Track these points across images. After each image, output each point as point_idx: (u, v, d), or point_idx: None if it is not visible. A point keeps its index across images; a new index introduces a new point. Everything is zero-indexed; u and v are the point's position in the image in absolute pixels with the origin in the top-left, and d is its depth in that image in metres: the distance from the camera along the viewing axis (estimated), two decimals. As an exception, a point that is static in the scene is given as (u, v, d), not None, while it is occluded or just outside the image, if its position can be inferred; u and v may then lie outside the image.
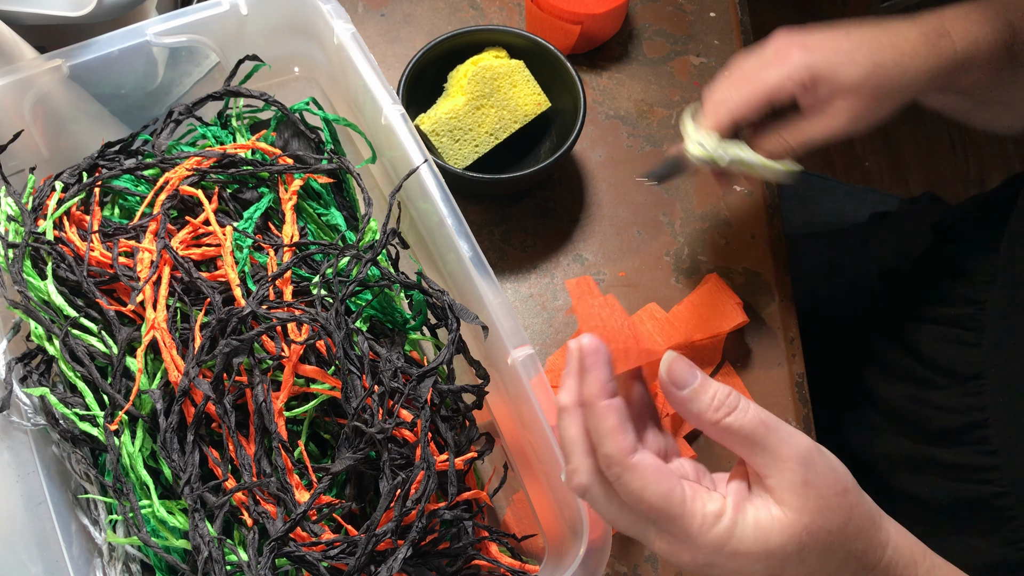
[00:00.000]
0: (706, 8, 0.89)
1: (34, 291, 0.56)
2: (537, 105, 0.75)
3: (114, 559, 0.55)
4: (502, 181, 0.72)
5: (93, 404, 0.55)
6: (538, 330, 0.73)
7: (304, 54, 0.70)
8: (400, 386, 0.54)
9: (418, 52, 0.73)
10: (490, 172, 0.71)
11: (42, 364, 0.58)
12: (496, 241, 0.77)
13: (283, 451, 0.52)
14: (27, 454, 0.56)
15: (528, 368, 0.52)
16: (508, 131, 0.74)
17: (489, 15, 0.88)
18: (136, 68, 0.65)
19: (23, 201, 0.59)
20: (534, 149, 0.79)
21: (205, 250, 0.58)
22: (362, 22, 0.86)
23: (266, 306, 0.54)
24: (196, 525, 0.51)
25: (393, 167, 0.65)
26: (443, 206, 0.57)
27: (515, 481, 0.60)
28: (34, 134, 0.63)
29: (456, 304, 0.56)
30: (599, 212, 0.78)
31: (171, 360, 0.53)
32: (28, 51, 0.62)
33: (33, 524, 0.55)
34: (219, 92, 0.64)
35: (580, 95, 0.73)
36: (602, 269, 0.76)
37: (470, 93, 0.72)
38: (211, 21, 0.64)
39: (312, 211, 0.63)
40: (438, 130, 0.72)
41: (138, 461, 0.53)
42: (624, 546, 0.65)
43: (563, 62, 0.75)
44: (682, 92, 0.84)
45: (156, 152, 0.62)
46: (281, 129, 0.67)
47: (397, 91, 0.72)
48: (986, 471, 0.65)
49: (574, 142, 0.72)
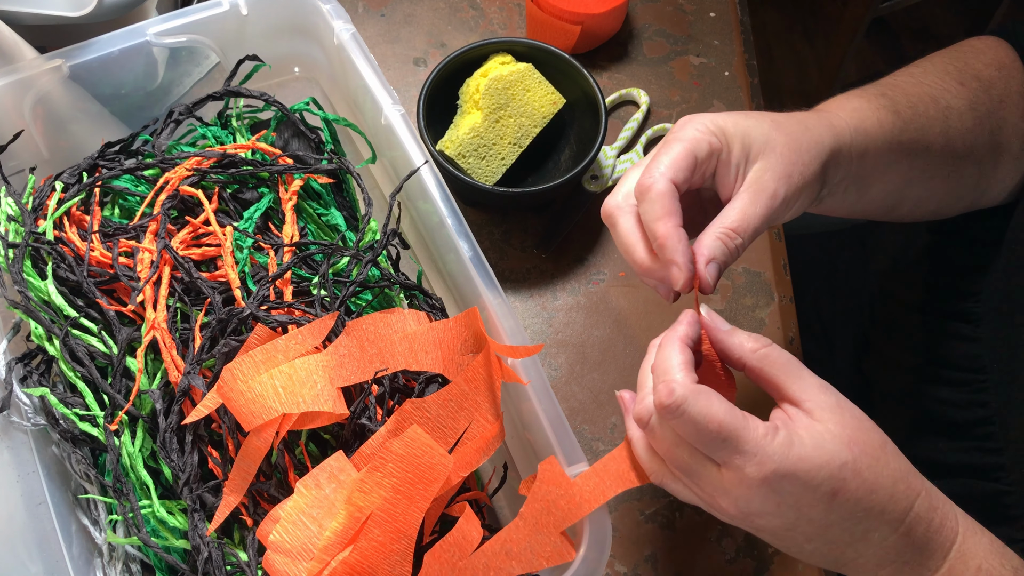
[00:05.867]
0: (706, 8, 0.89)
1: (34, 291, 0.56)
2: (553, 104, 0.74)
3: (114, 559, 0.55)
4: (543, 191, 0.70)
5: (93, 404, 0.55)
6: (538, 330, 0.73)
7: (304, 54, 0.70)
8: (400, 386, 0.54)
9: (428, 77, 0.72)
10: (511, 185, 0.71)
11: (42, 364, 0.58)
12: (496, 241, 0.77)
13: (283, 451, 0.52)
14: (27, 454, 0.56)
15: (528, 368, 0.52)
16: (530, 136, 0.74)
17: (489, 15, 0.88)
18: (136, 68, 0.65)
19: (23, 201, 0.59)
20: (552, 155, 0.79)
21: (205, 250, 0.58)
22: (362, 22, 0.87)
23: (266, 307, 0.54)
24: (196, 525, 0.51)
25: (393, 167, 0.65)
26: (443, 206, 0.57)
27: (515, 481, 0.60)
28: (34, 134, 0.63)
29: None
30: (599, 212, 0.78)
31: (171, 360, 0.53)
32: (28, 51, 0.62)
33: (33, 524, 0.55)
34: (219, 92, 0.64)
35: (596, 92, 0.73)
36: (602, 269, 0.76)
37: (486, 108, 0.72)
38: (211, 21, 0.64)
39: (312, 211, 0.63)
40: (464, 152, 0.72)
41: (138, 461, 0.53)
42: (624, 546, 0.65)
43: (570, 62, 0.74)
44: (682, 92, 0.84)
45: (156, 152, 0.62)
46: (281, 129, 0.67)
47: (415, 121, 0.71)
48: (991, 469, 0.65)
49: (604, 136, 0.72)
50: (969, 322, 0.68)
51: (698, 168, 0.48)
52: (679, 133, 0.49)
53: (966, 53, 0.64)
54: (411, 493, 0.48)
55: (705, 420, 0.41)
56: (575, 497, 0.48)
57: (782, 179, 0.49)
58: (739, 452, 0.41)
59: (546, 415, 0.51)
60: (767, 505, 0.42)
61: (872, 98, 0.57)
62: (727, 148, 0.49)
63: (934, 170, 0.59)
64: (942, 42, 0.65)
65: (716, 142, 0.48)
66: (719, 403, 0.41)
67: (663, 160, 0.48)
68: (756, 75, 0.86)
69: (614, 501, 0.66)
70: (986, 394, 0.66)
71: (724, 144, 0.49)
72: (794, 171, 0.49)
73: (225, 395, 0.50)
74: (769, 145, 0.49)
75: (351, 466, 0.50)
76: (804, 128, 0.51)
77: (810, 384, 0.44)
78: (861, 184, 0.55)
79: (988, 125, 0.61)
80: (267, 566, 0.47)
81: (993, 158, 0.62)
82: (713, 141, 0.48)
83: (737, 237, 0.48)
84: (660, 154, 0.48)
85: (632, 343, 0.73)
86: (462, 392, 0.52)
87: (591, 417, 0.70)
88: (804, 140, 0.50)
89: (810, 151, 0.50)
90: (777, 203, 0.48)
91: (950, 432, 0.68)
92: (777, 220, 0.50)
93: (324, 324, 0.52)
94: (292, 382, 0.50)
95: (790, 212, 0.51)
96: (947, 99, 0.60)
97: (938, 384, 0.70)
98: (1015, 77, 0.62)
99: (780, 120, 0.51)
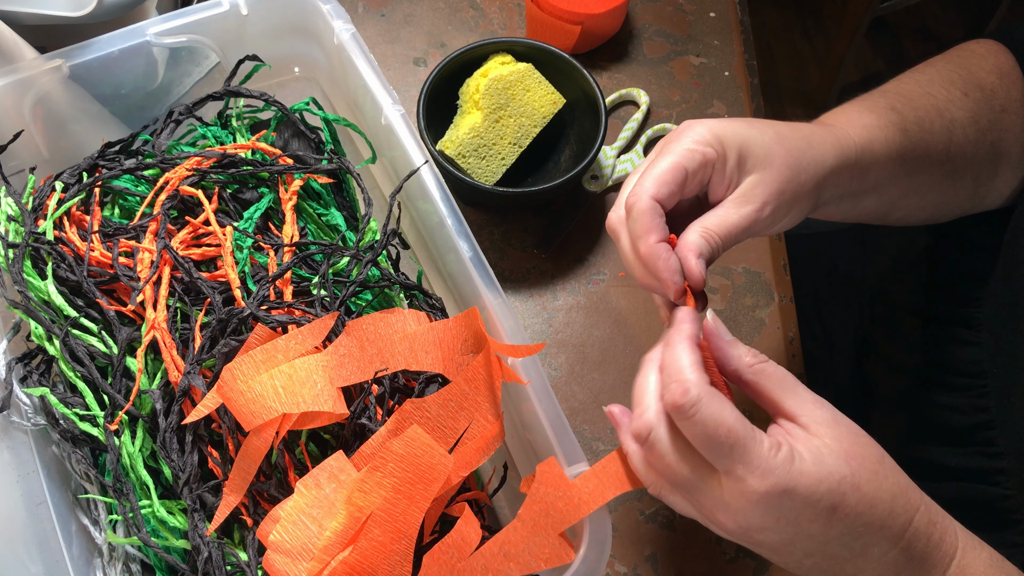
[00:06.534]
0: (706, 8, 0.89)
1: (34, 291, 0.56)
2: (553, 104, 0.74)
3: (114, 559, 0.55)
4: (543, 191, 0.71)
5: (93, 404, 0.55)
6: (538, 330, 0.73)
7: (304, 54, 0.70)
8: (400, 386, 0.54)
9: (428, 77, 0.72)
10: (511, 185, 0.71)
11: (42, 364, 0.58)
12: (496, 241, 0.77)
13: (283, 451, 0.52)
14: (27, 454, 0.56)
15: (528, 368, 0.52)
16: (530, 137, 0.74)
17: (489, 15, 0.88)
18: (136, 68, 0.65)
19: (23, 201, 0.59)
20: (552, 155, 0.79)
21: (205, 250, 0.58)
22: (362, 22, 0.87)
23: (266, 307, 0.54)
24: (196, 525, 0.51)
25: (393, 167, 0.65)
26: (443, 206, 0.57)
27: (515, 481, 0.60)
28: (34, 134, 0.63)
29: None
30: (599, 212, 0.78)
31: (171, 360, 0.53)
32: (28, 51, 0.62)
33: (33, 524, 0.55)
34: (219, 92, 0.64)
35: (596, 92, 0.73)
36: (602, 269, 0.76)
37: (486, 107, 0.72)
38: (211, 21, 0.64)
39: (312, 211, 0.63)
40: (464, 152, 0.72)
41: (138, 461, 0.53)
42: (624, 546, 0.65)
43: (570, 62, 0.74)
44: (682, 92, 0.84)
45: (156, 152, 0.62)
46: (281, 129, 0.67)
47: (415, 121, 0.71)
48: (992, 474, 0.65)
49: (604, 136, 0.72)
50: (970, 327, 0.68)
51: (690, 180, 0.48)
52: (674, 144, 0.49)
53: (968, 59, 0.64)
54: (411, 493, 0.48)
55: (716, 424, 0.40)
56: (573, 499, 0.48)
57: (773, 195, 0.48)
58: (743, 462, 0.40)
59: (546, 415, 0.51)
60: (767, 519, 0.41)
61: (883, 113, 0.56)
62: (723, 157, 0.48)
63: (932, 183, 0.59)
64: (942, 42, 0.65)
65: (711, 152, 0.48)
66: (731, 409, 0.41)
67: (649, 176, 0.48)
68: (756, 75, 0.86)
69: (614, 501, 0.66)
70: (986, 399, 0.66)
71: (720, 153, 0.48)
72: (787, 188, 0.49)
73: (225, 395, 0.50)
74: (768, 159, 0.48)
75: (351, 466, 0.50)
76: (808, 145, 0.50)
77: (806, 400, 0.43)
78: (858, 197, 0.55)
79: (990, 137, 0.61)
80: (267, 566, 0.47)
81: (992, 167, 0.62)
82: (707, 152, 0.48)
83: (716, 239, 0.48)
84: (649, 168, 0.48)
85: (632, 343, 0.73)
86: (462, 392, 0.52)
87: (591, 417, 0.70)
88: (805, 158, 0.50)
89: (808, 170, 0.50)
90: (764, 215, 0.48)
91: (950, 436, 0.68)
92: (762, 232, 0.50)
93: (324, 324, 0.52)
94: (292, 382, 0.50)
95: (779, 225, 0.51)
96: (952, 111, 0.59)
97: (938, 388, 0.70)
98: (1015, 85, 0.62)
99: (784, 134, 0.50)
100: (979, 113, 0.60)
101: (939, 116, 0.59)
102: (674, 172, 0.47)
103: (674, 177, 0.47)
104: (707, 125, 0.49)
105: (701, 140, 0.48)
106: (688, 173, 0.48)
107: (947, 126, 0.59)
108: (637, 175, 0.49)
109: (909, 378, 0.74)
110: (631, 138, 0.81)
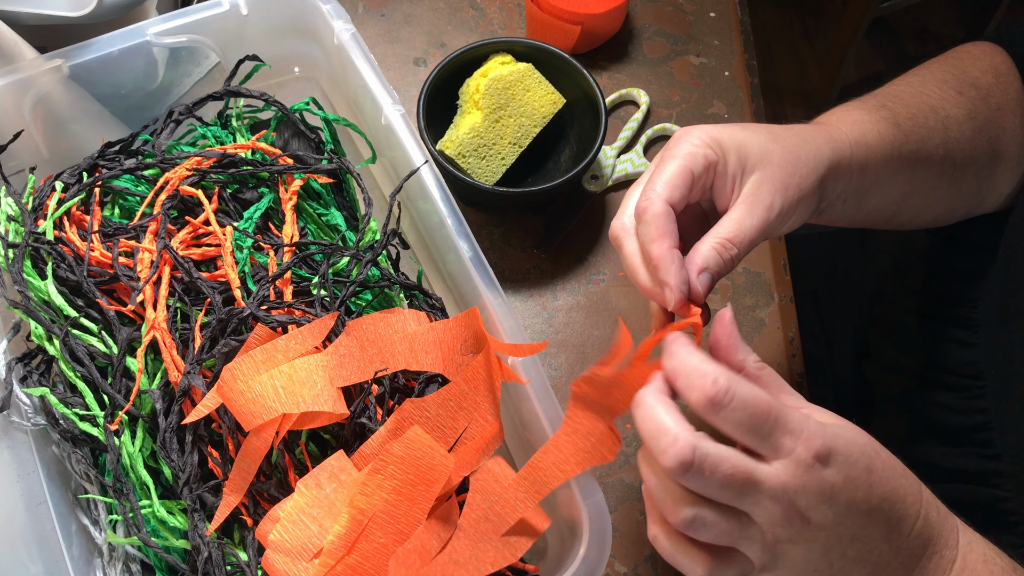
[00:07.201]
0: (706, 8, 0.89)
1: (34, 291, 0.56)
2: (553, 104, 0.75)
3: (114, 559, 0.55)
4: (543, 191, 0.71)
5: (93, 404, 0.55)
6: (538, 330, 0.73)
7: (304, 54, 0.70)
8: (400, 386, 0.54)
9: (428, 77, 0.72)
10: (511, 185, 0.71)
11: (42, 364, 0.58)
12: (496, 241, 0.77)
13: (283, 451, 0.52)
14: (27, 454, 0.56)
15: (528, 368, 0.52)
16: (530, 137, 0.74)
17: (489, 15, 0.88)
18: (136, 68, 0.65)
19: (23, 201, 0.59)
20: (552, 155, 0.79)
21: (205, 250, 0.58)
22: (362, 22, 0.87)
23: (266, 307, 0.54)
24: (196, 525, 0.51)
25: (393, 167, 0.65)
26: (443, 206, 0.57)
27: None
28: (34, 134, 0.63)
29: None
30: (599, 212, 0.78)
31: (171, 360, 0.53)
32: (28, 51, 0.62)
33: (33, 524, 0.55)
34: (219, 92, 0.64)
35: (596, 92, 0.73)
36: (602, 269, 0.76)
37: (486, 107, 0.72)
38: (211, 21, 0.64)
39: (312, 211, 0.63)
40: (464, 152, 0.72)
41: (138, 461, 0.53)
42: (624, 546, 0.65)
43: (570, 62, 0.74)
44: (682, 92, 0.84)
45: (156, 152, 0.62)
46: (281, 129, 0.67)
47: (415, 121, 0.71)
48: (990, 475, 0.65)
49: (604, 136, 0.72)
50: (967, 328, 0.68)
51: (696, 183, 0.48)
52: (675, 149, 0.49)
53: (963, 60, 0.64)
54: (412, 494, 0.48)
55: (755, 402, 0.40)
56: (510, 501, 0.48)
57: (778, 191, 0.48)
58: (788, 432, 0.40)
59: (546, 415, 0.51)
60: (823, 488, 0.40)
61: (873, 110, 0.56)
62: (723, 160, 0.48)
63: (933, 180, 0.59)
64: (942, 42, 0.65)
65: (712, 155, 0.48)
66: (758, 387, 0.41)
67: (659, 180, 0.47)
68: (756, 75, 0.86)
69: (614, 501, 0.66)
70: (984, 400, 0.66)
71: (720, 156, 0.48)
72: (791, 183, 0.49)
73: (225, 395, 0.50)
74: (766, 157, 0.49)
75: (352, 466, 0.50)
76: (802, 141, 0.50)
77: (803, 399, 0.44)
78: (860, 196, 0.55)
79: (987, 134, 0.61)
80: (267, 566, 0.47)
81: (991, 166, 0.62)
82: (709, 154, 0.48)
83: (733, 248, 0.47)
84: (657, 173, 0.48)
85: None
86: (462, 392, 0.52)
87: (591, 417, 0.70)
88: (802, 153, 0.50)
89: (807, 164, 0.50)
90: (773, 215, 0.48)
91: (948, 437, 0.68)
92: (773, 232, 0.50)
93: (324, 324, 0.52)
94: (292, 382, 0.50)
95: (787, 224, 0.51)
96: (946, 109, 0.59)
97: (937, 388, 0.70)
98: (1012, 84, 0.62)
99: (778, 132, 0.51)
100: (975, 111, 0.60)
101: (933, 113, 0.59)
102: (682, 175, 0.47)
103: (683, 180, 0.47)
104: (703, 129, 0.49)
105: (700, 143, 0.48)
106: (694, 176, 0.48)
107: (942, 122, 0.59)
108: (641, 184, 0.49)
109: (908, 378, 0.74)
110: (631, 138, 0.81)
